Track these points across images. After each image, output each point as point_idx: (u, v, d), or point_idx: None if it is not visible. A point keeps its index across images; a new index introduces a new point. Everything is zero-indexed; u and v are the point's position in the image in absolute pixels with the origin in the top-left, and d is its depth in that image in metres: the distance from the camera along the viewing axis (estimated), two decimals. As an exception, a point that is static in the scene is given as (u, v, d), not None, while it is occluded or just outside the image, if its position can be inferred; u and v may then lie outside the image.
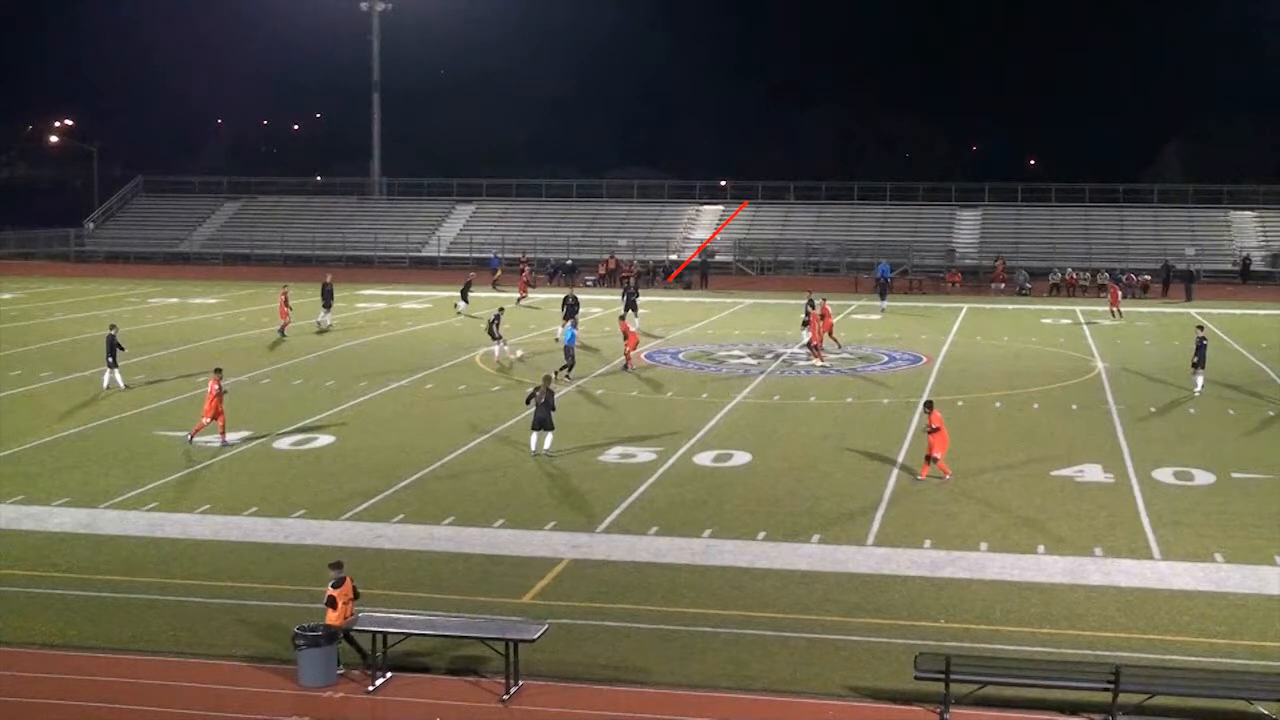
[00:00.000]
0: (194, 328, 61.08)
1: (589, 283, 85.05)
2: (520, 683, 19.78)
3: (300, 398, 42.83)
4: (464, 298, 66.80)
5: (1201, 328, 47.36)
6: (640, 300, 63.22)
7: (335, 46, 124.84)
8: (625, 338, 49.13)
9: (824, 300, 54.97)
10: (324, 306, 61.13)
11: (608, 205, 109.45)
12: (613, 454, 34.80)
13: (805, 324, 54.12)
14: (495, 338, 50.17)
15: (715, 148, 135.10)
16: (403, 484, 31.52)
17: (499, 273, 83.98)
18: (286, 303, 57.39)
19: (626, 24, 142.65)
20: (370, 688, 19.76)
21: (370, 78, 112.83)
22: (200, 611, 22.85)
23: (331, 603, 20.19)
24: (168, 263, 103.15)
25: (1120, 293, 72.19)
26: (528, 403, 34.76)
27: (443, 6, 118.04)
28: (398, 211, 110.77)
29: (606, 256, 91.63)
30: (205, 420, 35.43)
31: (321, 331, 59.45)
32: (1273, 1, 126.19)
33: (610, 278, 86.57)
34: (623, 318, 53.69)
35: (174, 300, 74.25)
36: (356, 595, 20.68)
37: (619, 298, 63.70)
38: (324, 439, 36.62)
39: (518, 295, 73.15)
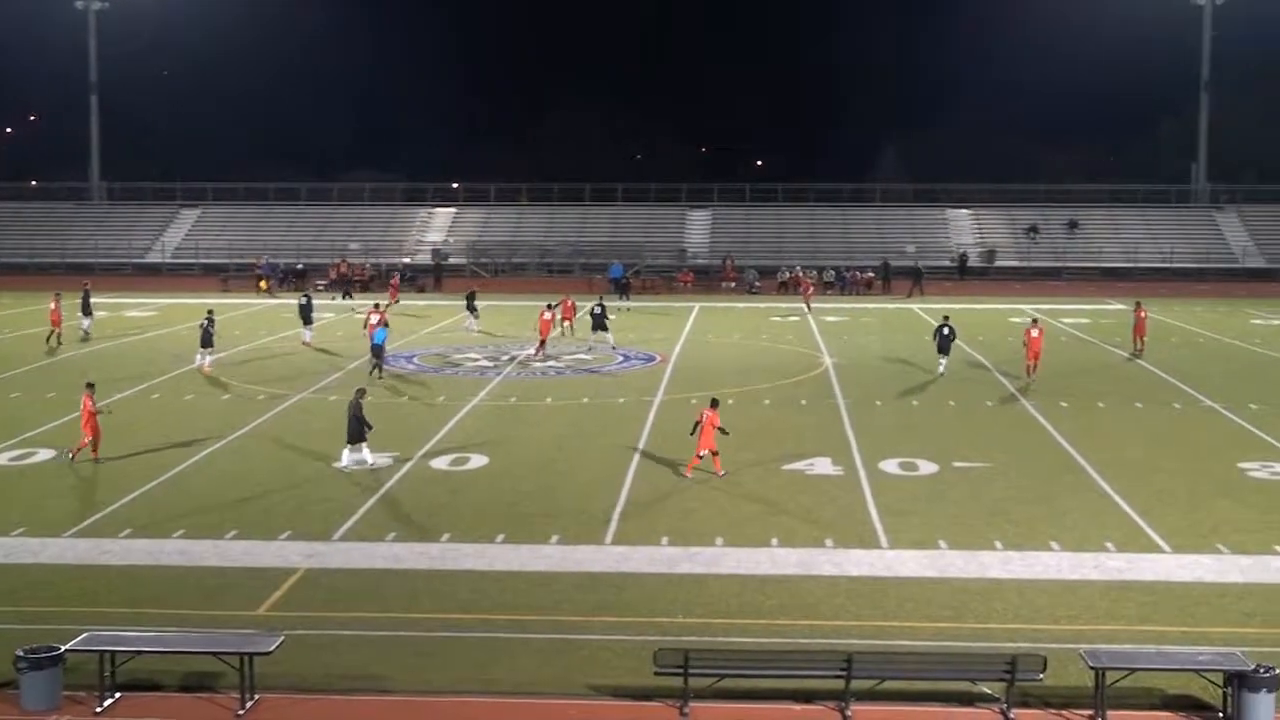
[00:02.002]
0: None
1: (320, 287, 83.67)
2: (256, 696, 19.37)
3: (18, 411, 41.17)
4: (473, 312, 63.25)
5: (947, 318, 50.37)
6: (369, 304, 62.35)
7: (51, 47, 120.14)
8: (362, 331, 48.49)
9: (570, 299, 55.51)
10: (84, 314, 59.24)
11: (339, 208, 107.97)
12: (347, 460, 34.29)
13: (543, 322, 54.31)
14: (207, 345, 49.07)
15: (446, 150, 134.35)
16: (129, 497, 30.54)
17: (268, 280, 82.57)
18: (58, 308, 55.82)
19: (356, 23, 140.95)
20: (98, 709, 19.10)
21: (88, 79, 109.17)
22: (-87, 637, 21.80)
23: None
24: None
25: (812, 288, 75.08)
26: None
27: (162, 5, 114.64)
28: (119, 217, 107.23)
29: (338, 260, 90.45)
30: (87, 440, 33.99)
31: (84, 339, 57.73)
32: (990, 5, 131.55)
33: (342, 282, 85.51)
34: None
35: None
36: None
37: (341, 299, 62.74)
38: (44, 453, 35.29)
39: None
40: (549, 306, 55.16)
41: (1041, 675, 19.15)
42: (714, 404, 33.85)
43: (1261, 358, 53.95)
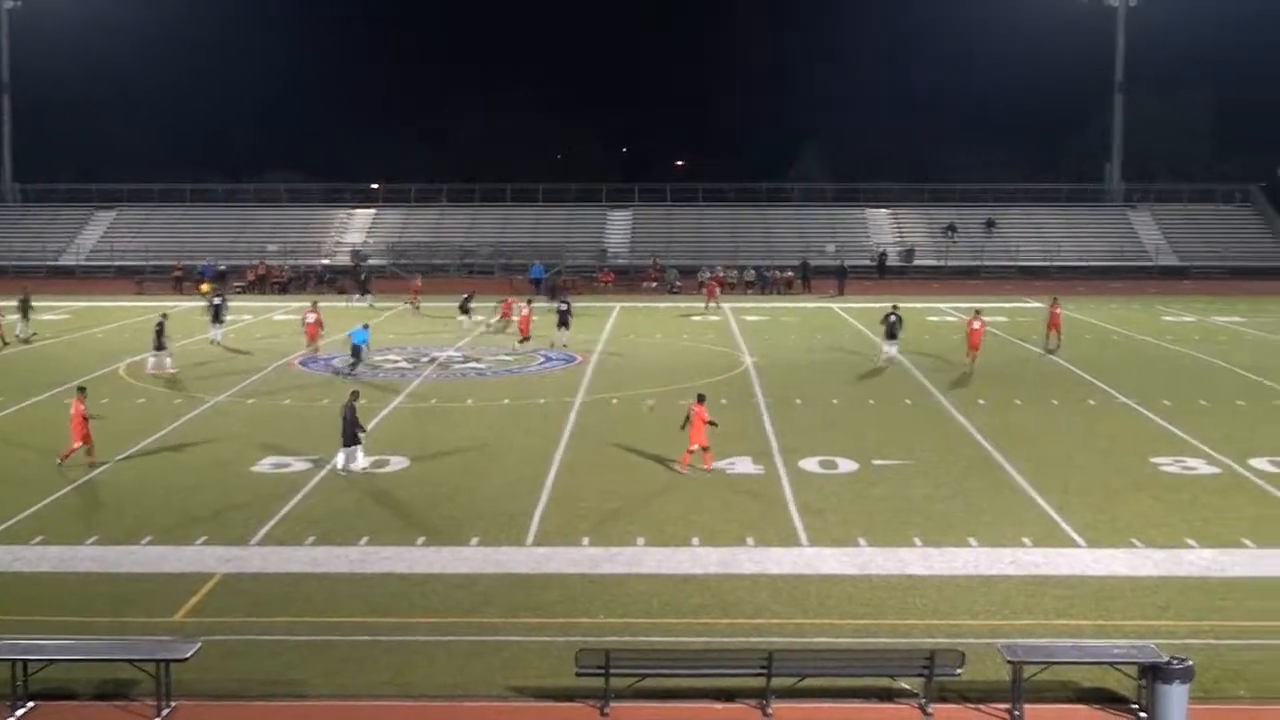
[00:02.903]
0: None
1: (238, 289, 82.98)
2: (173, 703, 19.18)
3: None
4: (466, 312, 64.12)
5: (895, 306, 53.32)
6: (295, 305, 62.06)
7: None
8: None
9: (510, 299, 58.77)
10: (22, 317, 58.61)
11: (256, 210, 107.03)
12: (266, 464, 34.06)
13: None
14: (159, 348, 48.68)
15: (366, 151, 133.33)
16: (42, 503, 30.12)
17: (208, 284, 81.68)
18: None
19: (273, 22, 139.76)
20: (10, 718, 18.82)
21: (0, 78, 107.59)
22: None
23: None
24: None
25: (719, 289, 75.93)
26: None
27: (77, 4, 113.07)
28: (33, 218, 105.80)
29: (256, 262, 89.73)
30: (77, 444, 33.58)
31: (26, 342, 57.25)
32: (908, 5, 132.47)
33: (261, 283, 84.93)
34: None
35: None
36: None
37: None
38: (-45, 459, 34.77)
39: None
40: (528, 302, 58.09)
41: (960, 670, 19.33)
42: (700, 399, 34.17)
43: (1173, 354, 54.69)
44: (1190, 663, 18.97)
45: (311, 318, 54.68)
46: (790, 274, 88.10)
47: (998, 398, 43.63)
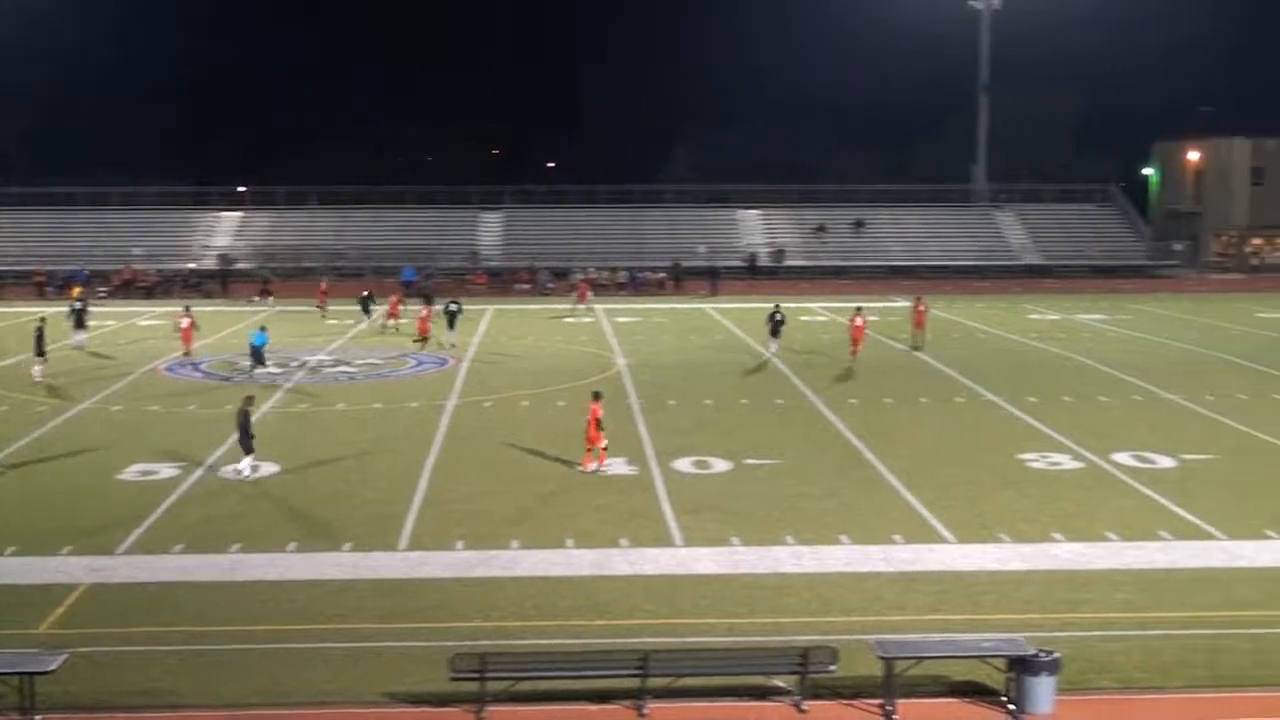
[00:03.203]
0: None
1: (102, 294, 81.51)
2: (38, 718, 18.79)
3: None
4: (366, 310, 65.27)
5: (778, 306, 56.15)
6: (158, 310, 61.14)
7: None
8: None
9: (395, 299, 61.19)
10: None
11: (121, 213, 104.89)
12: (132, 471, 33.48)
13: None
14: (41, 353, 48.16)
15: (233, 154, 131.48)
16: (-99, 515, 29.40)
17: (79, 288, 79.96)
18: None
19: (133, 24, 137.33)
20: None
21: None
22: None
23: None
24: None
25: (590, 290, 76.35)
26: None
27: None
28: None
29: (122, 267, 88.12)
30: None
31: None
32: (775, 7, 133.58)
33: (126, 288, 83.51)
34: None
35: None
36: None
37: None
38: None
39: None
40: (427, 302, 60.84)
41: (833, 667, 19.52)
42: (596, 396, 34.40)
43: (1038, 352, 55.69)
44: (1057, 655, 19.35)
45: (185, 322, 54.08)
46: (662, 275, 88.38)
47: (868, 397, 44.14)
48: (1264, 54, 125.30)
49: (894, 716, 19.19)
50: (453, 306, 58.40)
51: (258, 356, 49.52)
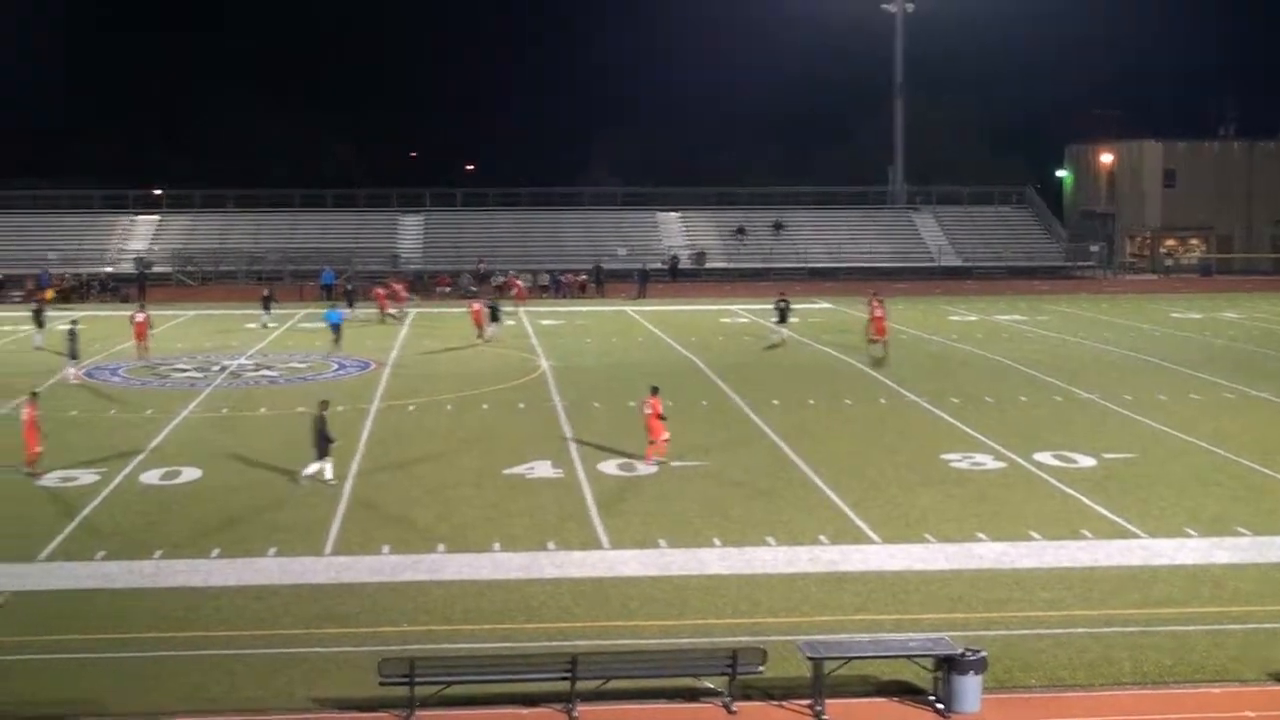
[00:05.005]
0: None
1: (16, 298, 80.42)
2: (-42, 728, 18.49)
3: None
4: (266, 309, 66.53)
5: (783, 293, 60.43)
6: (79, 315, 60.39)
7: None
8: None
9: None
10: None
11: (32, 216, 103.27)
12: (52, 478, 32.99)
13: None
14: (74, 355, 49.14)
15: (146, 156, 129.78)
16: None
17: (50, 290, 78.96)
18: None
19: (38, 21, 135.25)
20: None
21: None
22: None
23: None
24: None
25: (526, 292, 78.03)
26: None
27: None
28: None
29: (36, 272, 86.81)
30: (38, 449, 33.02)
31: None
32: (687, 7, 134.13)
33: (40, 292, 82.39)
34: None
35: None
36: None
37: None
38: None
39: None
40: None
41: (762, 668, 19.58)
42: (654, 391, 34.82)
43: (959, 352, 56.16)
44: (983, 653, 19.50)
45: (141, 317, 54.96)
46: (584, 277, 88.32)
47: (792, 398, 44.30)
48: (1171, 55, 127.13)
49: (823, 717, 19.25)
50: (491, 303, 62.25)
51: (337, 331, 56.24)
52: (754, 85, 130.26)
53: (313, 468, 32.41)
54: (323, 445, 32.38)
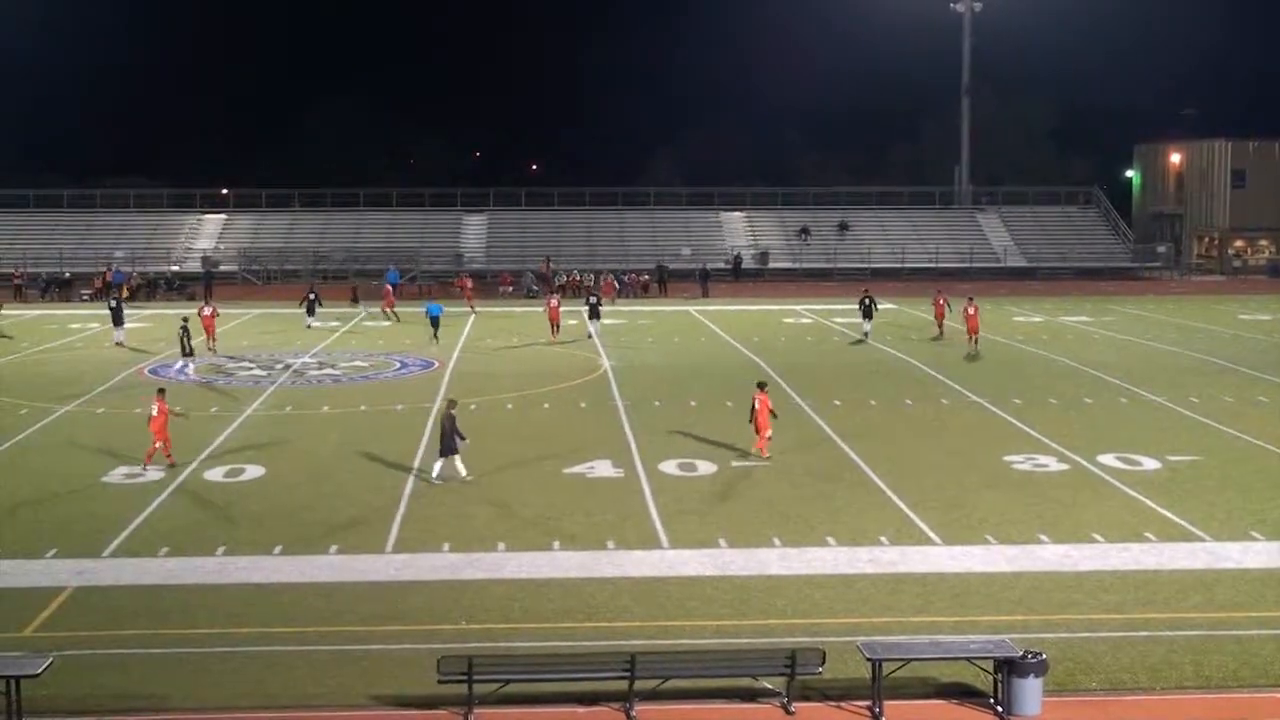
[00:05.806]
0: None
1: (85, 296, 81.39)
2: (24, 721, 18.72)
3: None
4: (311, 312, 65.83)
5: (867, 290, 61.78)
6: (145, 313, 61.13)
7: None
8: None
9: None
10: None
11: (102, 215, 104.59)
12: (117, 474, 33.35)
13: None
14: (189, 352, 51.59)
15: (215, 156, 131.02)
16: (-117, 518, 29.23)
17: (126, 287, 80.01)
18: None
19: (116, 27, 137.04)
20: None
21: None
22: None
23: None
24: None
25: (615, 288, 78.21)
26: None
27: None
28: None
29: (104, 269, 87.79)
30: (159, 444, 33.75)
31: None
32: (758, 9, 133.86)
33: (107, 290, 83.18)
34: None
35: None
36: None
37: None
38: None
39: None
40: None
41: (821, 668, 19.50)
42: (762, 386, 35.69)
43: (1023, 353, 55.77)
44: (1044, 656, 19.36)
45: (209, 310, 56.86)
46: (646, 277, 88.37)
47: (853, 398, 44.15)
48: (1243, 55, 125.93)
49: (881, 718, 19.18)
50: (591, 299, 63.69)
51: (436, 325, 59.26)
52: (821, 85, 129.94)
53: (439, 466, 32.53)
54: (450, 444, 32.41)
